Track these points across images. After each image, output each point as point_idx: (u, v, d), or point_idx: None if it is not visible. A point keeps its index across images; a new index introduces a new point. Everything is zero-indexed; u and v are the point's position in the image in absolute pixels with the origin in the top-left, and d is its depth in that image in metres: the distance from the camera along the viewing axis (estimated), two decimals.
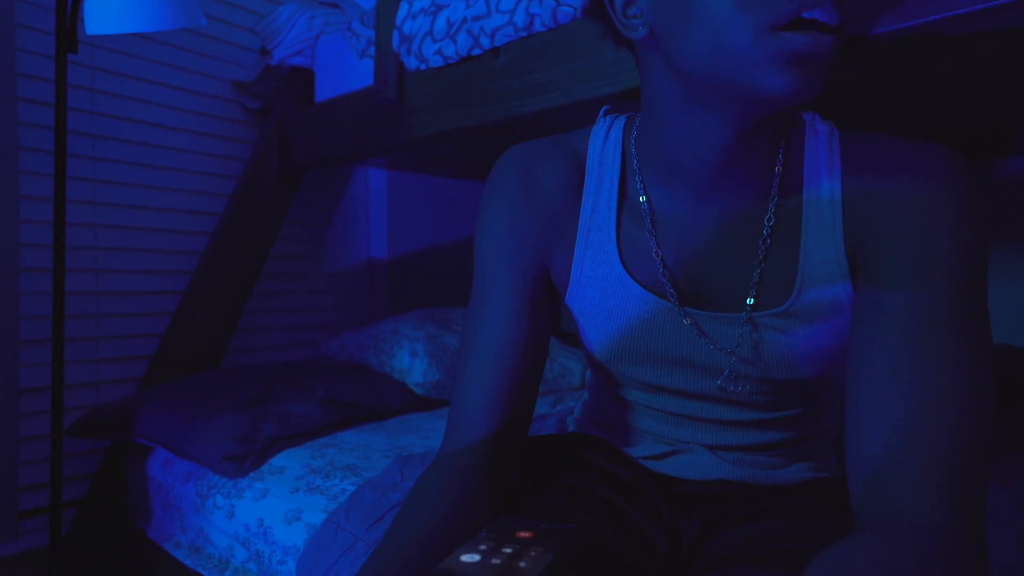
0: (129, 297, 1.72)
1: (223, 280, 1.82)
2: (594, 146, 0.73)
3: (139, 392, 1.47)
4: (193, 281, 1.80)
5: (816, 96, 0.54)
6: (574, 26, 1.19)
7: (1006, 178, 1.78)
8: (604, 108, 0.77)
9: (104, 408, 1.44)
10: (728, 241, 0.65)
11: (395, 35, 1.46)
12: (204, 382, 1.47)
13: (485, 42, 1.31)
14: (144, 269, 1.75)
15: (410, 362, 1.64)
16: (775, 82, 0.52)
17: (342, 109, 1.68)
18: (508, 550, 0.42)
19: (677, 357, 0.69)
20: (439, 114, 1.43)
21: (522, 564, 0.40)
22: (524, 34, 1.26)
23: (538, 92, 1.26)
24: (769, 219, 0.64)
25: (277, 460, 1.23)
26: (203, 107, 1.86)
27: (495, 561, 0.41)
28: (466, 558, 0.41)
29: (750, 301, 0.64)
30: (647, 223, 0.67)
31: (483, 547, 0.43)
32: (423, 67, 1.44)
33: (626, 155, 0.71)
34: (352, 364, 1.73)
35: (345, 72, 1.71)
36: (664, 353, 0.69)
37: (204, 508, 1.21)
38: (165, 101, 1.77)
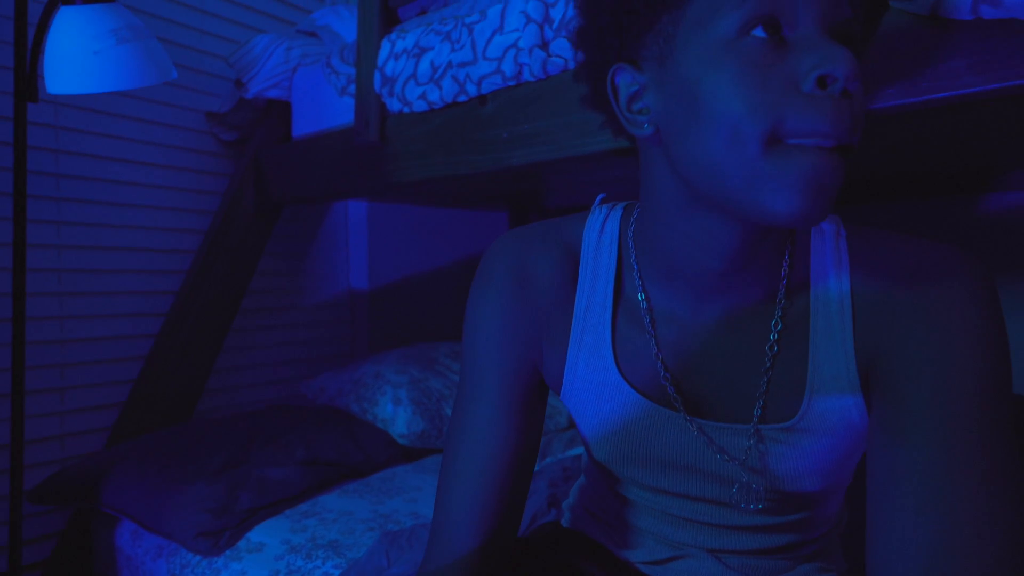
0: (97, 343, 1.64)
1: (199, 320, 1.75)
2: (589, 238, 0.68)
3: (106, 452, 1.39)
4: (167, 323, 1.72)
5: (822, 220, 0.50)
6: (565, 77, 1.15)
7: (993, 213, 1.77)
8: (600, 196, 0.73)
9: (68, 471, 1.36)
10: (733, 346, 0.61)
11: (376, 76, 1.40)
12: (176, 440, 1.40)
13: (471, 89, 1.26)
14: (114, 313, 1.67)
15: (393, 411, 1.59)
16: (779, 204, 0.49)
17: (321, 147, 1.61)
18: None
19: (681, 463, 0.65)
20: (423, 160, 1.37)
21: None
22: (512, 83, 1.21)
23: (527, 144, 1.21)
24: (776, 324, 0.60)
25: (255, 534, 1.17)
26: (175, 140, 1.78)
27: None
28: None
29: (757, 412, 0.61)
30: (646, 323, 0.64)
31: None
32: (406, 110, 1.38)
33: (623, 249, 0.67)
34: (333, 410, 1.67)
35: (324, 107, 1.64)
36: (667, 458, 0.66)
37: None
38: (133, 135, 1.69)
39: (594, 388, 0.66)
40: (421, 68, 1.32)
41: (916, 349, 0.54)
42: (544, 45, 1.15)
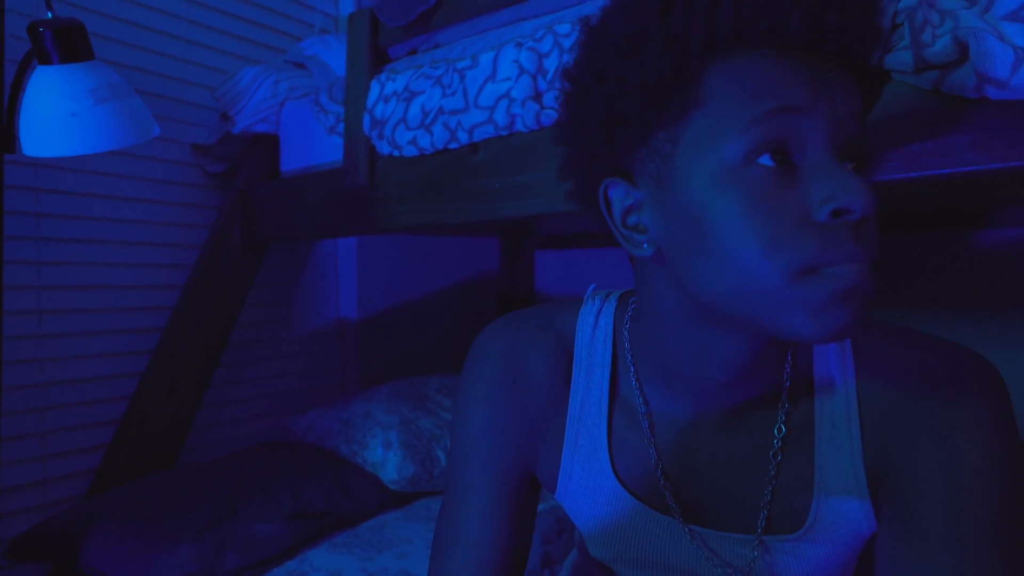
0: (80, 385, 1.60)
1: (186, 357, 1.71)
2: (582, 332, 0.66)
3: (88, 504, 1.36)
4: (153, 360, 1.69)
5: (855, 334, 0.49)
6: None
7: (987, 249, 1.76)
8: (591, 287, 0.71)
9: (47, 525, 1.32)
10: (735, 453, 0.59)
11: (366, 118, 1.37)
12: (161, 491, 1.36)
13: (463, 136, 1.23)
14: (98, 353, 1.63)
15: (384, 455, 1.56)
16: (808, 327, 0.46)
17: (309, 186, 1.58)
18: None
19: (682, 569, 0.63)
20: (413, 206, 1.34)
21: None
22: (505, 133, 1.19)
23: (519, 196, 1.18)
24: (779, 429, 0.57)
25: None
26: (160, 173, 1.74)
27: None
28: None
29: (762, 523, 0.58)
30: (644, 427, 0.61)
31: None
32: (396, 154, 1.35)
33: (618, 347, 0.64)
34: (322, 451, 1.63)
35: (312, 143, 1.61)
36: (667, 563, 0.63)
37: None
38: (116, 171, 1.65)
39: (591, 491, 0.64)
40: (412, 112, 1.29)
41: (926, 463, 0.53)
42: (537, 96, 1.13)
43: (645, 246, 0.53)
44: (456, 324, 2.48)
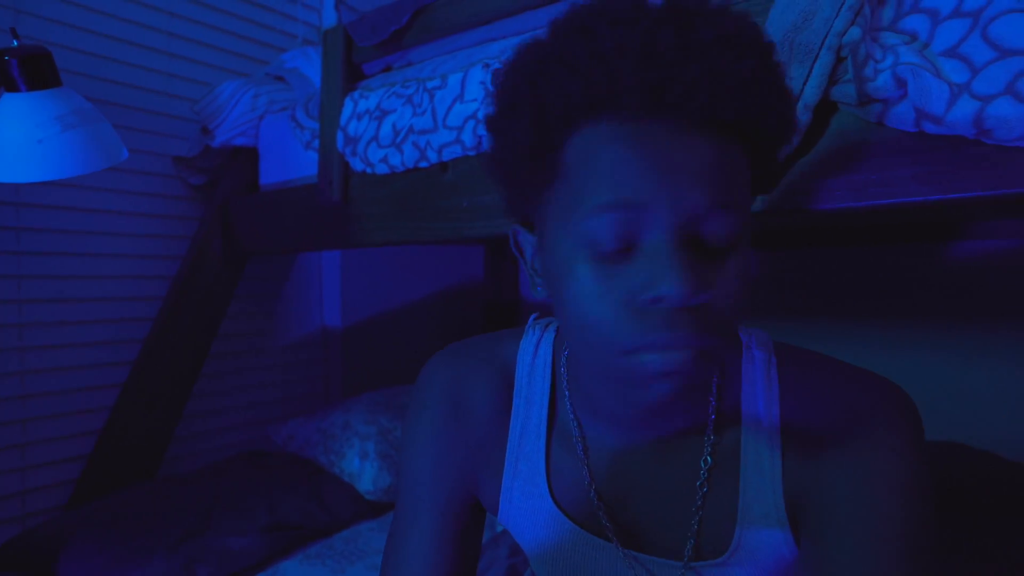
0: (62, 396, 1.62)
1: (167, 368, 1.73)
2: (523, 361, 0.68)
3: (65, 516, 1.37)
4: (133, 372, 1.70)
5: (667, 411, 0.53)
6: None
7: (961, 260, 1.78)
8: (533, 316, 0.73)
9: (25, 537, 1.34)
10: (664, 480, 0.61)
11: (340, 135, 1.39)
12: (138, 504, 1.38)
13: (432, 156, 1.25)
14: (78, 365, 1.65)
15: (360, 465, 1.58)
16: (622, 401, 0.52)
17: (287, 200, 1.60)
18: None
19: None
20: (385, 223, 1.36)
21: None
22: (472, 153, 1.20)
23: (487, 216, 1.20)
24: (705, 460, 0.59)
25: None
26: (141, 186, 1.76)
27: None
28: None
29: (689, 551, 0.60)
30: (579, 452, 0.63)
31: None
32: (369, 171, 1.37)
33: (556, 375, 0.66)
34: (301, 461, 1.65)
35: (290, 157, 1.63)
36: None
37: None
38: (97, 184, 1.67)
39: (530, 515, 0.66)
40: (383, 131, 1.31)
41: (838, 493, 0.54)
42: None
43: (538, 289, 0.57)
44: (441, 332, 2.50)
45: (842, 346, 1.66)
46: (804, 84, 0.83)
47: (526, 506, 0.65)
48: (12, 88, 0.96)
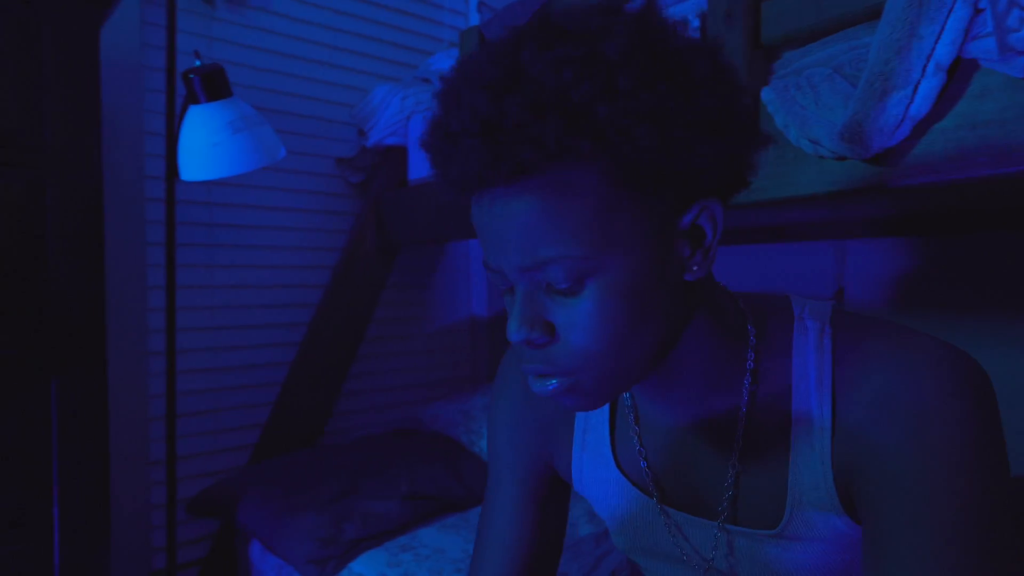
0: (243, 371, 1.86)
1: (327, 349, 1.92)
2: None
3: (243, 473, 1.59)
4: (300, 351, 1.92)
5: (593, 408, 0.54)
6: None
7: None
8: None
9: (212, 490, 1.57)
10: (703, 458, 0.61)
11: None
12: (299, 467, 1.56)
13: None
14: (256, 344, 1.88)
15: None
16: None
17: (434, 194, 1.71)
18: None
19: (676, 557, 0.66)
20: None
21: None
22: None
23: None
24: (737, 441, 0.58)
25: (357, 564, 1.28)
26: (307, 185, 1.97)
27: None
28: None
29: (724, 515, 0.60)
30: (630, 421, 0.65)
31: None
32: None
33: None
34: (444, 439, 1.77)
35: None
36: (668, 552, 0.67)
37: None
38: (273, 184, 1.89)
39: (601, 484, 0.69)
40: None
41: (890, 466, 0.50)
42: None
43: None
44: None
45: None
46: (936, 42, 0.76)
47: (596, 476, 0.68)
48: (195, 101, 1.13)
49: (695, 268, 0.50)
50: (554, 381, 0.50)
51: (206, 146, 1.11)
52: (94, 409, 1.17)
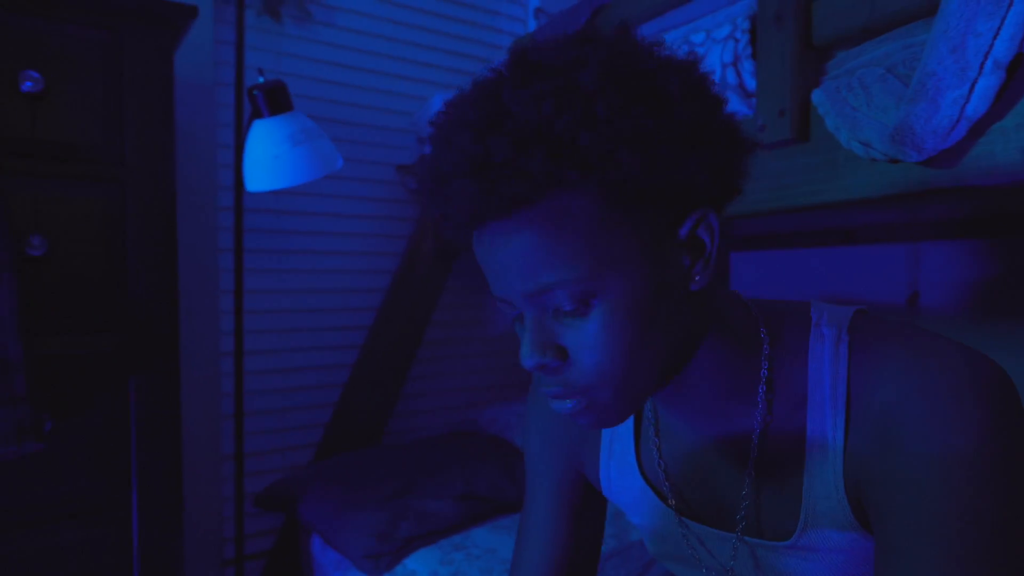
0: (308, 372, 1.94)
1: (387, 352, 1.98)
2: None
3: (306, 470, 1.66)
4: (361, 354, 1.98)
5: (612, 425, 0.54)
6: None
7: None
8: None
9: (278, 485, 1.64)
10: (718, 464, 0.61)
11: None
12: (359, 465, 1.62)
13: None
14: (320, 346, 1.96)
15: None
16: None
17: None
18: None
19: (692, 561, 0.67)
20: None
21: None
22: None
23: None
24: (751, 452, 0.57)
25: (411, 561, 1.32)
26: (369, 192, 2.03)
27: None
28: None
29: (737, 536, 0.60)
30: (651, 433, 0.66)
31: None
32: None
33: None
34: (500, 441, 1.79)
35: None
36: (682, 556, 0.68)
37: None
38: (336, 192, 1.96)
39: (627, 492, 0.70)
40: None
41: (899, 475, 0.49)
42: None
43: None
44: None
45: None
46: (994, 38, 0.73)
47: (623, 484, 0.69)
48: (258, 115, 1.20)
49: (698, 278, 0.50)
50: (571, 402, 0.51)
51: (268, 158, 1.17)
52: (168, 405, 1.25)
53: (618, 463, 0.69)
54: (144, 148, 1.22)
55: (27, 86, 1.11)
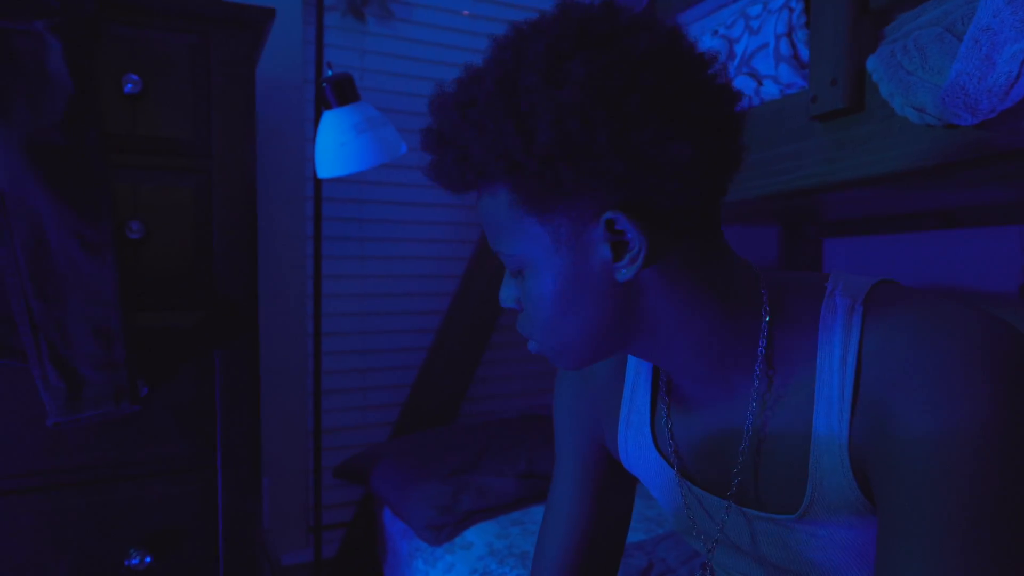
0: (386, 354, 2.04)
1: (461, 336, 2.04)
2: None
3: (381, 445, 1.74)
4: (436, 338, 2.05)
5: (567, 368, 0.61)
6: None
7: None
8: None
9: (355, 459, 1.74)
10: (719, 435, 0.61)
11: None
12: (430, 442, 1.68)
13: None
14: (398, 329, 2.05)
15: None
16: None
17: None
18: None
19: (708, 534, 0.67)
20: None
21: None
22: None
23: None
24: (748, 422, 0.57)
25: (470, 533, 1.37)
26: None
27: None
28: None
29: (729, 503, 0.61)
30: (664, 396, 0.67)
31: None
32: None
33: None
34: None
35: None
36: (715, 534, 0.67)
37: (411, 567, 1.40)
38: (414, 182, 2.04)
39: (644, 463, 0.70)
40: None
41: (901, 447, 0.47)
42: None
43: None
44: None
45: None
46: None
47: (640, 456, 0.70)
48: (327, 106, 1.27)
49: (624, 271, 0.52)
50: (531, 343, 0.60)
51: (335, 146, 1.25)
52: (249, 378, 1.36)
53: (635, 433, 0.70)
54: (228, 142, 1.33)
55: (128, 88, 1.24)
